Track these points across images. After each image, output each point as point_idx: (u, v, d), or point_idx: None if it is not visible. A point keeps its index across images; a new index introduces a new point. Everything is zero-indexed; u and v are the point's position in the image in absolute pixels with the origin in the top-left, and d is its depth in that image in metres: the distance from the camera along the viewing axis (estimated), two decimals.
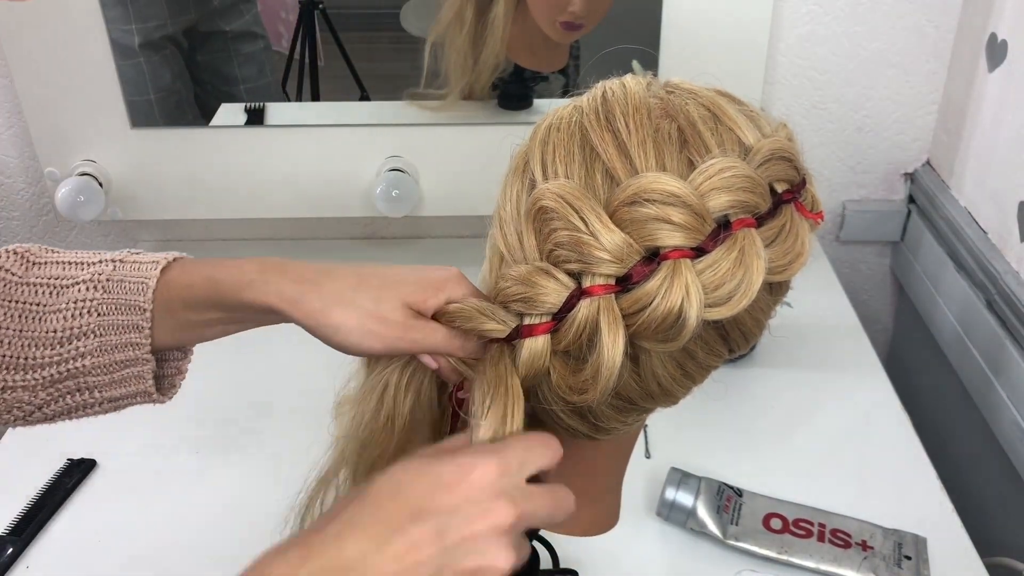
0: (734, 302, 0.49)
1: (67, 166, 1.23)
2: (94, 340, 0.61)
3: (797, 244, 0.53)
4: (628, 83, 0.55)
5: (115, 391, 0.62)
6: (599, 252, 0.49)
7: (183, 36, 1.27)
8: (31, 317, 0.61)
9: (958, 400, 1.19)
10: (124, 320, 0.61)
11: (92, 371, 0.61)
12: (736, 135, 0.53)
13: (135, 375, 0.62)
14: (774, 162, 0.52)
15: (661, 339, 0.50)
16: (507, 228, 0.54)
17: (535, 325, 0.51)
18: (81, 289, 0.61)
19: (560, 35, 1.18)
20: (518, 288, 0.51)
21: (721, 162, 0.50)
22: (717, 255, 0.49)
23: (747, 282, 0.49)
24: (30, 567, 0.89)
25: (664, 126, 0.52)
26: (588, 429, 0.56)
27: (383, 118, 1.29)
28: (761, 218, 0.51)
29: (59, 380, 0.61)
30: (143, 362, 0.61)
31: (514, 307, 0.51)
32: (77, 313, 0.61)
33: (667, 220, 0.48)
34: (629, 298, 0.49)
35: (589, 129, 0.53)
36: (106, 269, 0.62)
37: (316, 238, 1.40)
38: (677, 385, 0.55)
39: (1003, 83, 1.14)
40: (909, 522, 0.92)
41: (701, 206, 0.49)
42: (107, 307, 0.61)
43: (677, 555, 0.90)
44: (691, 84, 0.56)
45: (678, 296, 0.48)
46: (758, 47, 1.22)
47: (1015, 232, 1.10)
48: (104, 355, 0.61)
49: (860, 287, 1.46)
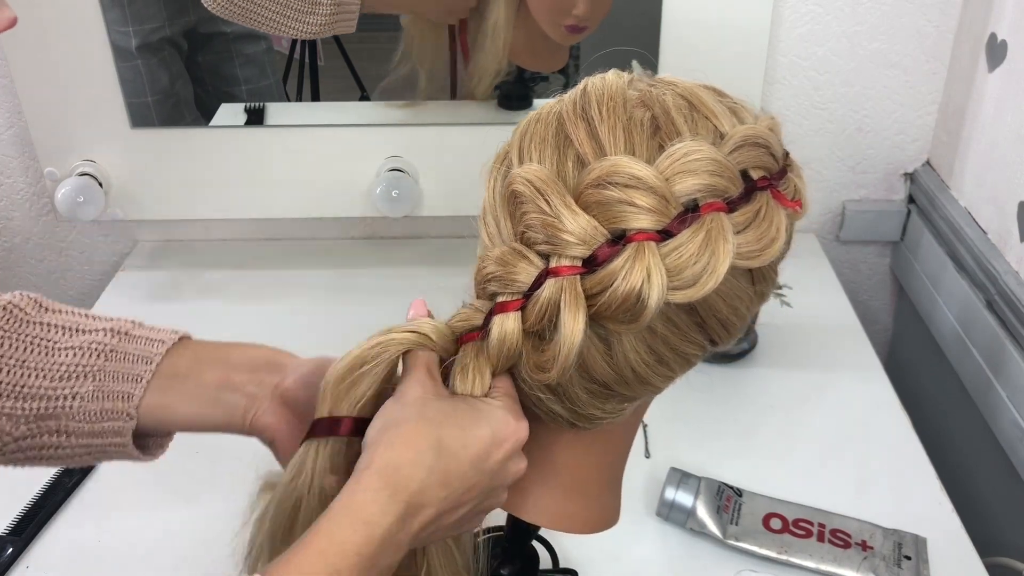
0: (699, 285, 0.50)
1: (67, 166, 1.23)
2: (91, 383, 0.62)
3: (771, 230, 0.53)
4: (608, 76, 0.56)
5: (92, 440, 0.63)
6: (564, 234, 0.50)
7: (182, 38, 1.27)
8: (38, 350, 0.62)
9: (958, 400, 1.19)
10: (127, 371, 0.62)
11: (76, 415, 0.62)
12: (712, 123, 0.53)
13: (114, 428, 0.62)
14: (748, 148, 0.53)
15: (623, 320, 0.50)
16: (488, 217, 0.56)
17: (506, 302, 0.52)
18: (99, 335, 0.63)
19: (564, 37, 1.18)
20: (494, 267, 0.53)
21: (687, 146, 0.51)
22: (683, 238, 0.50)
23: (713, 265, 0.50)
24: (30, 567, 0.89)
25: (638, 114, 0.53)
26: (569, 415, 0.57)
27: (383, 118, 1.29)
28: (733, 203, 0.52)
29: (44, 417, 0.61)
30: (127, 417, 0.62)
31: (490, 287, 0.53)
32: (85, 354, 0.62)
33: (631, 203, 0.49)
34: (593, 279, 0.50)
35: (565, 118, 0.54)
36: (126, 325, 0.64)
37: (316, 238, 1.40)
38: (653, 372, 0.55)
39: (1003, 83, 1.14)
40: (909, 522, 0.92)
41: (666, 189, 0.50)
42: (116, 356, 0.63)
43: (677, 555, 0.90)
44: (674, 77, 0.57)
45: (639, 277, 0.49)
46: (758, 47, 1.22)
47: (1015, 232, 1.10)
48: (95, 402, 0.62)
49: (860, 287, 1.46)
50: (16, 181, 1.33)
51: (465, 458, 0.53)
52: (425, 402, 0.53)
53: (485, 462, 0.54)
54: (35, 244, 1.40)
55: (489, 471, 0.54)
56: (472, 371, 0.55)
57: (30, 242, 1.39)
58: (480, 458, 0.53)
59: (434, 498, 0.51)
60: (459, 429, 0.53)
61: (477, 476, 0.53)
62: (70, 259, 1.42)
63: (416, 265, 1.35)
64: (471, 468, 0.53)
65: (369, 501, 0.49)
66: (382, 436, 0.52)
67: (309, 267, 1.35)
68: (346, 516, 0.49)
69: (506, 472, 0.56)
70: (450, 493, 0.52)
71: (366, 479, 0.50)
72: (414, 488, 0.50)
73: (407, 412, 0.53)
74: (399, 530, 0.50)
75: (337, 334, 1.18)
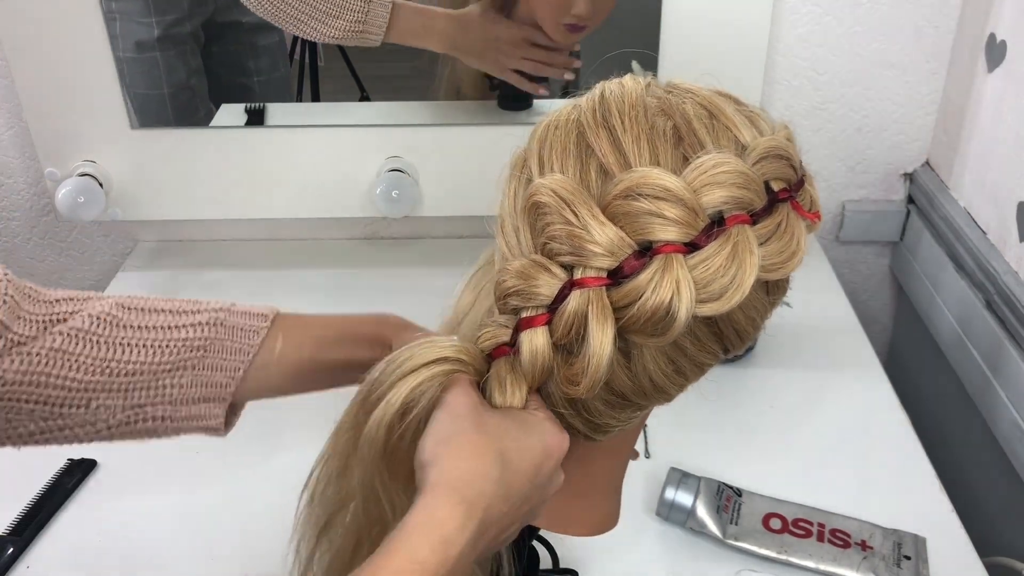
0: (726, 298, 0.49)
1: (67, 166, 1.23)
2: (191, 374, 0.64)
3: (792, 243, 0.53)
4: (626, 82, 0.55)
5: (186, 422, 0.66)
6: (591, 245, 0.49)
7: (201, 29, 1.27)
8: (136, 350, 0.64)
9: (957, 400, 1.19)
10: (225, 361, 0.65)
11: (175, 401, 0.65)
12: (733, 133, 0.53)
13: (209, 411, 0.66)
14: (770, 160, 0.53)
15: (651, 333, 0.50)
16: (506, 226, 0.55)
17: (532, 317, 0.51)
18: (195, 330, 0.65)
19: (564, 37, 1.18)
20: (514, 281, 0.51)
21: (715, 158, 0.50)
22: (710, 251, 0.49)
23: (740, 278, 0.49)
24: (30, 567, 0.89)
25: (660, 123, 0.52)
26: (586, 427, 0.57)
27: (383, 118, 1.30)
28: (756, 215, 0.51)
29: (141, 404, 0.64)
30: (222, 400, 0.66)
31: (511, 302, 0.52)
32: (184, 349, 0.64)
33: (660, 215, 0.49)
34: (620, 291, 0.49)
35: (586, 126, 0.53)
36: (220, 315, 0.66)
37: (316, 238, 1.41)
38: (670, 382, 0.55)
39: (1002, 83, 1.14)
40: (908, 522, 0.92)
41: (694, 201, 0.49)
42: (214, 347, 0.65)
43: (677, 555, 0.91)
44: (691, 84, 0.56)
45: (668, 291, 0.48)
46: (758, 47, 1.22)
47: (1014, 232, 1.10)
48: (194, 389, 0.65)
49: (860, 287, 1.46)
50: (16, 181, 1.33)
51: (523, 471, 0.52)
52: (479, 413, 0.52)
53: (538, 475, 0.53)
54: (35, 244, 1.40)
55: (540, 484, 0.53)
56: (510, 384, 0.53)
57: (30, 242, 1.39)
58: (535, 471, 0.53)
59: (498, 513, 0.50)
60: (516, 442, 0.52)
61: (531, 490, 0.53)
62: (70, 259, 1.42)
63: (416, 265, 1.35)
64: (527, 482, 0.52)
65: (447, 518, 0.47)
66: (444, 450, 0.50)
67: (309, 267, 1.35)
68: (424, 534, 0.47)
69: (551, 485, 0.55)
70: (510, 508, 0.51)
71: (442, 494, 0.48)
72: (485, 504, 0.49)
73: (463, 424, 0.51)
74: (472, 549, 0.48)
75: None
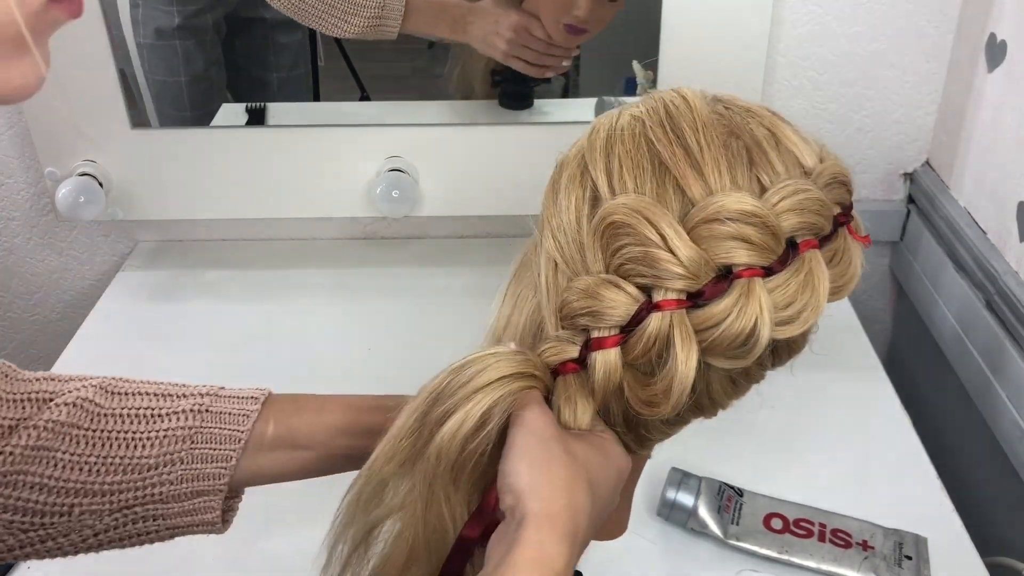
0: (802, 321, 0.50)
1: (67, 166, 1.23)
2: (180, 468, 0.61)
3: (851, 266, 0.55)
4: (689, 96, 0.55)
5: (181, 520, 0.63)
6: (675, 267, 0.49)
7: (223, 21, 1.27)
8: (118, 444, 0.61)
9: (958, 400, 1.19)
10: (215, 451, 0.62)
11: (165, 498, 0.61)
12: (795, 157, 0.54)
13: (204, 505, 0.62)
14: (836, 186, 0.54)
15: (731, 356, 0.50)
16: (562, 237, 0.53)
17: (604, 338, 0.50)
18: (180, 418, 0.62)
19: (563, 37, 1.18)
20: (585, 301, 0.50)
21: (795, 184, 0.51)
22: (786, 275, 0.50)
23: (814, 302, 0.50)
24: (31, 567, 0.89)
25: (733, 144, 0.53)
26: (636, 443, 0.57)
27: (383, 118, 1.29)
28: (823, 240, 0.52)
29: (129, 505, 0.61)
30: (217, 492, 0.62)
31: (580, 321, 0.51)
32: (168, 441, 0.61)
33: (744, 239, 0.49)
34: (701, 315, 0.49)
35: (656, 142, 0.53)
36: (205, 401, 0.63)
37: (316, 238, 1.40)
38: (726, 397, 0.56)
39: (1002, 83, 1.14)
40: (909, 522, 0.92)
41: (776, 226, 0.50)
42: (202, 436, 0.62)
43: (678, 555, 0.91)
44: (744, 101, 0.57)
45: (752, 315, 0.48)
46: (758, 47, 1.22)
47: (1014, 232, 1.10)
48: (184, 484, 0.61)
49: (859, 287, 1.45)
50: (16, 181, 1.33)
51: (604, 498, 0.51)
52: (564, 438, 0.50)
53: (613, 500, 0.53)
54: (35, 244, 1.40)
55: (610, 507, 0.53)
56: (579, 403, 0.52)
57: (30, 242, 1.39)
58: (613, 497, 0.53)
59: (585, 541, 0.49)
60: (601, 470, 0.51)
61: (604, 516, 0.52)
62: (70, 259, 1.42)
63: (416, 265, 1.35)
64: (606, 508, 0.52)
65: (557, 555, 0.46)
66: (542, 477, 0.48)
67: (309, 267, 1.35)
68: (537, 571, 0.45)
69: (613, 506, 0.54)
70: (588, 537, 0.50)
71: (548, 528, 0.46)
72: (582, 537, 0.48)
73: (554, 449, 0.49)
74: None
75: (337, 334, 1.19)
